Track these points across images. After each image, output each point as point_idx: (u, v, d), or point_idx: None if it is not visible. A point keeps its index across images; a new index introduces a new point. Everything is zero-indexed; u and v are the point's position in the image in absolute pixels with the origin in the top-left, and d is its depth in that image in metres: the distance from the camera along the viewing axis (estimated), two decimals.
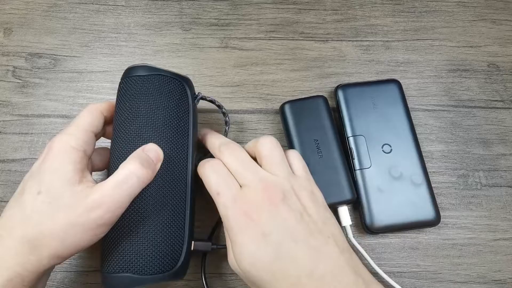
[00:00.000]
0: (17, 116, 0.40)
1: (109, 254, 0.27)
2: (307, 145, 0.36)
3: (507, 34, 0.45)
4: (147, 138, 0.29)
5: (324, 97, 0.38)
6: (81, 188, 0.25)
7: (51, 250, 0.24)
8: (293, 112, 0.37)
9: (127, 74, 0.31)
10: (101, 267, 0.28)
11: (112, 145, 0.30)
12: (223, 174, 0.29)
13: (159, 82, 0.31)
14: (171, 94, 0.31)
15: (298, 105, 0.37)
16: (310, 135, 0.36)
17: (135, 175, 0.25)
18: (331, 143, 0.36)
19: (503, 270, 0.36)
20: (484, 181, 0.39)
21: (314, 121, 0.37)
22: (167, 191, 0.28)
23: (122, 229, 0.27)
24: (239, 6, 0.45)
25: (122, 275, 0.26)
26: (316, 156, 0.35)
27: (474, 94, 0.42)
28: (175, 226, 0.28)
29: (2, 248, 0.24)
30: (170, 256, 0.28)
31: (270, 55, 0.43)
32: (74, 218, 0.24)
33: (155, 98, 0.30)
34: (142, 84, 0.30)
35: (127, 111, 0.30)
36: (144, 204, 0.27)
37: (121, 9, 0.44)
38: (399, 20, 0.45)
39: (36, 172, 0.26)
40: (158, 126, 0.29)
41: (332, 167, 0.35)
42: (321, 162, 0.35)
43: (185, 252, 0.28)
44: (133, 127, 0.29)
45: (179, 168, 0.30)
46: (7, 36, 0.43)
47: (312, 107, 0.37)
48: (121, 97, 0.31)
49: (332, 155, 0.35)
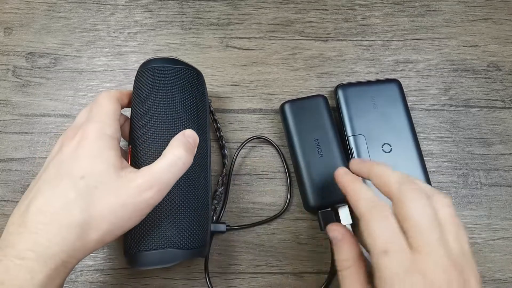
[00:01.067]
0: (17, 116, 0.40)
1: (148, 233, 0.28)
2: (308, 145, 0.36)
3: (507, 34, 0.45)
4: (181, 124, 0.31)
5: (324, 96, 0.38)
6: (125, 173, 0.26)
7: (99, 233, 0.24)
8: (293, 111, 0.37)
9: (156, 63, 0.33)
10: (134, 248, 0.28)
11: (141, 128, 0.31)
12: (394, 227, 0.23)
13: (187, 74, 0.33)
14: (198, 86, 0.34)
15: (298, 104, 0.37)
16: (311, 135, 0.36)
17: (180, 160, 0.26)
18: (331, 143, 0.36)
19: (503, 269, 0.36)
20: (484, 180, 0.39)
21: (314, 121, 0.37)
22: (198, 173, 0.31)
23: (162, 209, 0.28)
24: (239, 6, 0.45)
25: (165, 250, 0.28)
26: (317, 156, 0.35)
27: (474, 94, 0.42)
28: (204, 205, 0.31)
29: (47, 235, 0.23)
30: (202, 233, 0.30)
31: (270, 55, 0.43)
32: (125, 198, 0.25)
33: (185, 88, 0.32)
34: (173, 74, 0.32)
35: (160, 98, 0.31)
36: (181, 185, 0.29)
37: (121, 8, 0.44)
38: (399, 20, 0.45)
39: (70, 158, 0.26)
40: (190, 115, 0.32)
41: (333, 167, 0.35)
42: (322, 162, 0.35)
43: (209, 230, 0.31)
44: (169, 112, 0.31)
45: (204, 152, 0.32)
46: (8, 35, 0.43)
47: (312, 107, 0.37)
48: (153, 84, 0.32)
49: (333, 154, 0.35)
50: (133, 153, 0.30)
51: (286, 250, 0.36)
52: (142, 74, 0.32)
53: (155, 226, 0.28)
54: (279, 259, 0.35)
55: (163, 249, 0.28)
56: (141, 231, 0.28)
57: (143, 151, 0.30)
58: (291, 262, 0.35)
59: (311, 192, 0.35)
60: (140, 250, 0.28)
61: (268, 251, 0.36)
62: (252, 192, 0.37)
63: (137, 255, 0.28)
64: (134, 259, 0.28)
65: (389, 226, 0.23)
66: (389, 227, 0.23)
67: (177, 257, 0.28)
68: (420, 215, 0.23)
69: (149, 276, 0.34)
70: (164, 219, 0.28)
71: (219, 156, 0.38)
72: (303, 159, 0.35)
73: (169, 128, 0.30)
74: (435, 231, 0.23)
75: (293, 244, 0.36)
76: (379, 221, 0.24)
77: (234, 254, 0.36)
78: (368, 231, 0.24)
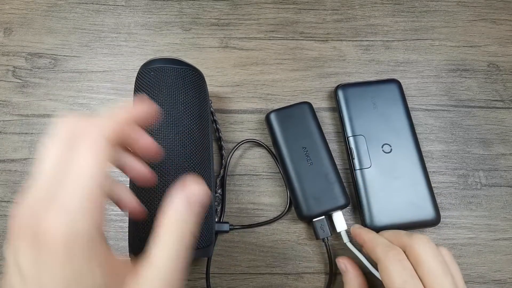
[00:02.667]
0: (17, 116, 0.40)
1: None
2: (296, 154, 0.35)
3: (507, 34, 0.45)
4: (185, 125, 0.31)
5: (308, 103, 0.38)
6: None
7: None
8: (279, 121, 0.37)
9: (158, 63, 0.33)
10: (140, 247, 0.28)
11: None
12: (410, 272, 0.26)
13: (190, 74, 0.33)
14: (200, 87, 0.34)
15: (284, 113, 0.37)
16: (298, 143, 0.36)
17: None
18: (320, 150, 0.36)
19: (503, 270, 0.36)
20: (484, 181, 0.39)
21: (301, 129, 0.36)
22: (202, 173, 0.31)
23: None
24: (239, 6, 0.45)
25: None
26: (306, 164, 0.35)
27: (474, 94, 0.42)
28: (210, 206, 0.31)
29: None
30: (208, 232, 0.30)
31: (270, 55, 0.43)
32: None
33: (188, 89, 0.32)
34: (175, 75, 0.32)
35: (163, 99, 0.31)
36: None
37: (121, 9, 0.44)
38: (399, 20, 0.45)
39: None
40: (193, 116, 0.32)
41: (323, 174, 0.35)
42: (312, 170, 0.35)
43: (215, 229, 0.32)
44: (172, 113, 0.31)
45: (206, 152, 0.32)
46: (7, 36, 0.43)
47: (297, 114, 0.37)
48: (156, 85, 0.32)
49: (322, 161, 0.35)
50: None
51: (286, 250, 0.36)
52: (144, 74, 0.32)
53: None
54: (279, 260, 0.35)
55: None
56: (147, 230, 0.28)
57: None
58: (291, 262, 0.35)
59: (303, 202, 0.34)
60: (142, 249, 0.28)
61: (268, 252, 0.36)
62: (252, 193, 0.37)
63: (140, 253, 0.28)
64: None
65: (405, 268, 0.26)
66: (405, 269, 0.26)
67: None
68: (426, 259, 0.26)
69: None
70: None
71: (219, 156, 0.38)
72: (293, 169, 0.35)
73: (172, 130, 0.30)
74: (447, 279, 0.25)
75: (293, 244, 0.36)
76: (395, 264, 0.26)
77: (234, 254, 0.36)
78: (386, 274, 0.26)
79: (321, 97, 0.41)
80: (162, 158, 0.29)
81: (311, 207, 0.34)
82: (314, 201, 0.34)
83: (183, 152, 0.30)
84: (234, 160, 0.39)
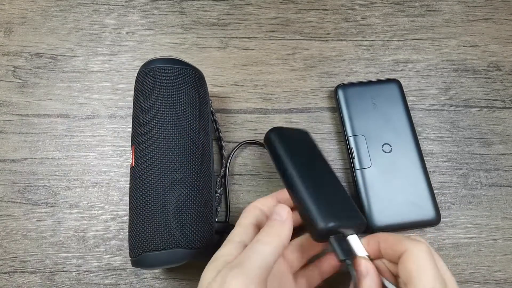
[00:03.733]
0: (18, 116, 0.40)
1: (155, 234, 0.28)
2: (303, 165, 0.29)
3: (507, 34, 0.45)
4: (185, 125, 0.31)
5: (306, 132, 0.34)
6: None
7: None
8: (280, 137, 0.31)
9: (158, 63, 0.33)
10: (140, 248, 0.28)
11: (145, 128, 0.31)
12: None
13: (190, 74, 0.33)
14: (200, 87, 0.34)
15: (285, 131, 0.32)
16: (303, 158, 0.30)
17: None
18: (325, 171, 0.31)
19: (504, 269, 0.36)
20: (484, 180, 0.39)
21: (304, 151, 0.32)
22: (202, 174, 0.31)
23: (168, 209, 0.28)
24: (239, 6, 0.45)
25: (173, 251, 0.28)
26: (316, 172, 0.30)
27: (474, 94, 0.42)
28: (209, 205, 0.31)
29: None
30: (209, 232, 0.30)
31: (270, 55, 0.43)
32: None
33: (189, 88, 0.33)
34: (176, 74, 0.32)
35: (164, 98, 0.31)
36: (186, 185, 0.29)
37: (121, 9, 0.44)
38: (399, 20, 0.45)
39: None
40: (194, 115, 0.32)
41: (335, 182, 0.30)
42: (323, 178, 0.30)
43: (214, 230, 0.31)
44: (173, 113, 0.31)
45: (206, 152, 0.32)
46: (8, 36, 0.43)
47: (299, 138, 0.33)
48: (156, 85, 0.32)
49: (332, 175, 0.30)
50: (137, 153, 0.30)
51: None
52: (144, 74, 0.33)
53: (162, 226, 0.28)
54: None
55: (171, 249, 0.28)
56: (147, 231, 0.28)
57: (147, 151, 0.30)
58: None
59: (318, 213, 0.26)
60: (147, 251, 0.28)
61: None
62: (252, 193, 0.37)
63: (144, 256, 0.28)
64: (142, 260, 0.28)
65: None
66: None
67: (185, 256, 0.28)
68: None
69: (149, 277, 0.34)
70: (171, 219, 0.28)
71: (218, 156, 0.38)
72: (301, 178, 0.28)
73: (173, 129, 0.30)
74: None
75: None
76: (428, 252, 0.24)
77: None
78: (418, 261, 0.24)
79: (321, 97, 0.41)
80: (162, 157, 0.29)
81: (329, 217, 0.26)
82: (331, 212, 0.27)
83: (183, 151, 0.30)
84: (234, 160, 0.38)
